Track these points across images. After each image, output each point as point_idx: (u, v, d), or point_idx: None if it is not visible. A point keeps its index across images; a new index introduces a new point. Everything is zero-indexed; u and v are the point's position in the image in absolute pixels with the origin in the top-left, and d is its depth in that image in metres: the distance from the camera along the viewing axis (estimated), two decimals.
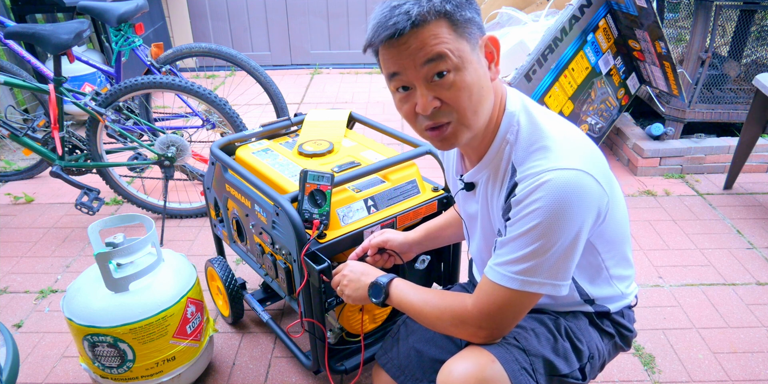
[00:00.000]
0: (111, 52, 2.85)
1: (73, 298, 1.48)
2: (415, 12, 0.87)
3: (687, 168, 2.98)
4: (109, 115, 2.31)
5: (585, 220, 0.93)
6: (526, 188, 0.92)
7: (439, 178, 1.56)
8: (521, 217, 0.93)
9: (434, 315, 1.06)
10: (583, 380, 1.14)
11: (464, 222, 1.25)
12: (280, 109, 2.80)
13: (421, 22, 0.87)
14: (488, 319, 0.99)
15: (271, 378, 1.74)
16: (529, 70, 2.47)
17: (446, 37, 0.89)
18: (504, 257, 0.96)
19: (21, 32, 2.16)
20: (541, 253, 0.93)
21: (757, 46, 3.02)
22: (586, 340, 1.15)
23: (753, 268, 2.22)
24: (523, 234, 0.93)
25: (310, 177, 1.30)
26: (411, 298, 1.11)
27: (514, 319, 1.00)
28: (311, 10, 4.79)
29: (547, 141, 0.96)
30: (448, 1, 0.88)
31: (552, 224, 0.90)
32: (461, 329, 1.03)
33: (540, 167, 0.93)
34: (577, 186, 0.90)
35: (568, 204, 0.90)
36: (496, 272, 0.97)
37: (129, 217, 1.56)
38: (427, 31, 0.88)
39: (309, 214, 1.32)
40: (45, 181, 3.01)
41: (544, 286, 0.95)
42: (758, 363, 1.76)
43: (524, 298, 0.97)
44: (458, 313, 1.02)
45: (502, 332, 1.03)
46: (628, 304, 1.21)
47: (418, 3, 0.88)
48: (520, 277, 0.94)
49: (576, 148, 0.96)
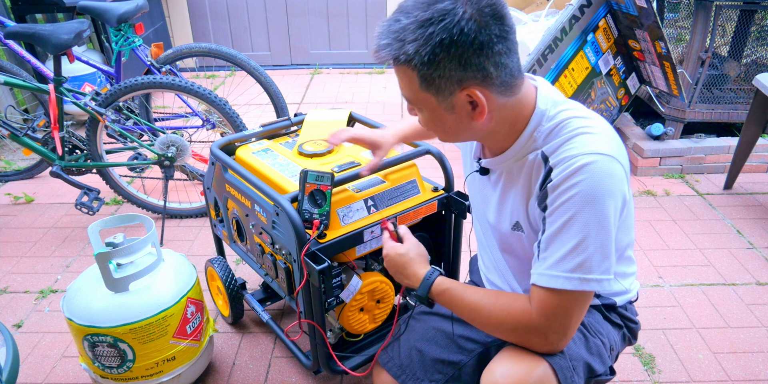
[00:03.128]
0: (111, 52, 2.85)
1: (73, 298, 1.48)
2: (384, 53, 0.89)
3: (687, 168, 2.98)
4: (109, 115, 2.31)
5: (617, 207, 0.93)
6: (563, 172, 0.91)
7: (439, 178, 1.56)
8: (559, 205, 0.92)
9: (494, 321, 1.01)
10: (612, 375, 1.16)
11: (472, 203, 1.24)
12: (280, 109, 2.80)
13: (394, 62, 0.90)
14: (556, 325, 0.95)
15: (271, 378, 1.74)
16: (529, 70, 2.47)
17: (412, 87, 0.92)
18: (553, 257, 0.93)
19: (21, 32, 2.16)
20: (588, 244, 0.91)
21: (757, 46, 3.02)
22: (606, 332, 1.16)
23: (753, 268, 2.22)
24: (566, 224, 0.91)
25: (311, 177, 1.30)
26: (462, 296, 1.06)
27: (578, 323, 0.97)
28: (311, 10, 4.79)
29: (580, 129, 0.95)
30: (421, 56, 0.86)
31: (590, 212, 0.90)
32: (526, 337, 0.98)
33: (575, 150, 0.92)
34: (611, 171, 0.90)
35: (606, 189, 0.90)
36: (548, 276, 0.94)
37: (129, 217, 1.56)
38: (400, 71, 0.92)
39: (309, 214, 1.31)
40: (45, 181, 3.01)
41: (600, 282, 0.93)
42: (758, 363, 1.76)
43: (584, 297, 0.95)
44: (522, 322, 0.97)
45: (568, 339, 0.98)
46: (631, 298, 1.22)
47: (391, 47, 0.88)
48: (576, 274, 0.91)
49: (606, 134, 0.96)
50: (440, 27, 0.83)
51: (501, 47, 0.87)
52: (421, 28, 0.84)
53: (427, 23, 0.84)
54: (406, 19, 0.86)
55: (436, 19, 0.84)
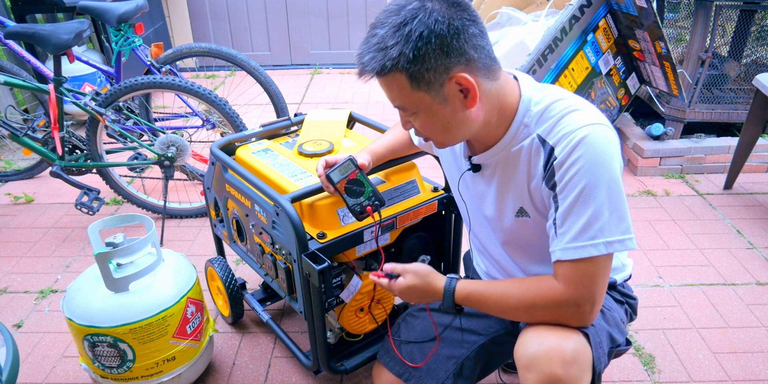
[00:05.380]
0: (111, 52, 2.85)
1: (73, 298, 1.48)
2: (370, 68, 0.93)
3: (687, 168, 2.98)
4: (109, 115, 2.31)
5: (621, 169, 0.98)
6: (566, 147, 0.96)
7: (439, 178, 1.56)
8: (569, 180, 0.96)
9: (524, 305, 1.02)
10: (629, 346, 1.21)
11: (465, 204, 1.25)
12: (280, 109, 2.80)
13: (382, 73, 0.93)
14: (587, 293, 0.98)
15: (271, 378, 1.74)
16: (529, 70, 2.47)
17: (403, 91, 0.95)
18: (573, 229, 0.96)
19: (21, 32, 2.16)
20: (603, 210, 0.95)
21: (757, 46, 3.02)
22: (614, 307, 1.19)
23: (753, 268, 2.22)
24: (578, 197, 0.95)
25: (335, 176, 1.25)
26: (488, 293, 1.07)
27: (605, 288, 1.00)
28: (311, 10, 4.79)
29: (570, 107, 1.00)
30: (406, 54, 0.90)
31: (599, 179, 0.94)
32: (559, 313, 1.00)
33: (571, 126, 0.97)
34: (608, 138, 0.96)
35: (609, 154, 0.95)
36: (573, 249, 0.96)
37: (129, 217, 1.56)
38: (388, 81, 0.95)
39: (358, 206, 1.26)
40: (45, 181, 3.01)
41: (623, 242, 0.96)
42: (758, 363, 1.76)
43: (609, 261, 0.98)
44: (552, 298, 0.99)
45: (598, 307, 1.00)
46: (626, 276, 1.26)
47: (375, 58, 0.92)
48: (599, 240, 0.95)
49: (590, 108, 1.02)
50: (416, 23, 0.89)
51: (474, 30, 0.93)
52: (399, 31, 0.90)
53: (402, 25, 0.90)
54: (382, 29, 0.91)
55: (409, 18, 0.89)
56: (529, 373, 0.97)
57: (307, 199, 1.38)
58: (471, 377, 1.27)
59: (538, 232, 1.08)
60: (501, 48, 2.83)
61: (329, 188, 1.30)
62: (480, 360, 1.28)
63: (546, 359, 0.96)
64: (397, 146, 1.44)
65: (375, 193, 1.26)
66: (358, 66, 0.96)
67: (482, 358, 1.28)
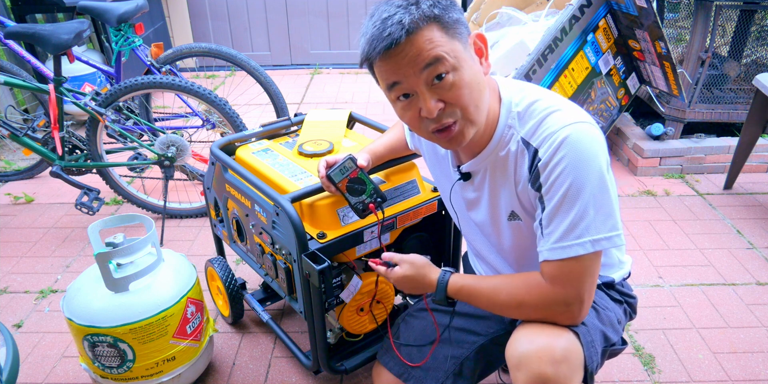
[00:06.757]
0: (111, 52, 2.85)
1: (73, 298, 1.48)
2: (407, 20, 0.90)
3: (687, 168, 2.98)
4: (109, 115, 2.31)
5: (604, 166, 0.97)
6: (549, 148, 0.95)
7: None
8: (554, 180, 0.95)
9: (514, 302, 1.03)
10: (624, 345, 1.20)
11: (456, 214, 1.26)
12: (280, 109, 2.80)
13: (415, 29, 0.90)
14: (574, 292, 0.98)
15: (271, 378, 1.74)
16: (529, 70, 2.47)
17: (440, 41, 0.92)
18: (559, 229, 0.96)
19: (21, 32, 2.16)
20: (588, 209, 0.94)
21: (757, 46, 3.02)
22: (610, 307, 1.19)
23: (753, 268, 2.22)
24: (564, 197, 0.95)
25: (336, 176, 1.26)
26: (480, 287, 1.08)
27: (593, 287, 1.00)
28: (311, 10, 4.79)
29: (550, 107, 1.00)
30: (435, 5, 0.92)
31: (584, 178, 0.94)
32: (548, 311, 1.00)
33: (554, 127, 0.96)
34: (592, 136, 0.96)
35: (593, 151, 0.95)
36: (560, 248, 0.96)
37: (129, 217, 1.56)
38: (421, 37, 0.91)
39: (360, 204, 1.27)
40: (45, 181, 3.01)
41: (611, 239, 0.96)
42: (758, 363, 1.76)
43: (596, 259, 0.98)
44: (540, 296, 1.00)
45: (587, 306, 1.00)
46: (624, 275, 1.25)
47: (407, 11, 0.90)
48: (585, 238, 0.95)
49: (571, 107, 1.01)
50: None
51: None
52: None
53: None
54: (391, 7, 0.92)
55: None
56: (519, 372, 0.97)
57: (307, 199, 1.38)
58: (471, 377, 1.27)
59: (532, 236, 1.07)
60: (501, 48, 2.83)
61: (330, 188, 1.30)
62: (480, 360, 1.28)
63: (536, 358, 0.96)
64: (396, 146, 1.44)
65: (377, 190, 1.27)
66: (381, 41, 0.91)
67: (482, 358, 1.28)
